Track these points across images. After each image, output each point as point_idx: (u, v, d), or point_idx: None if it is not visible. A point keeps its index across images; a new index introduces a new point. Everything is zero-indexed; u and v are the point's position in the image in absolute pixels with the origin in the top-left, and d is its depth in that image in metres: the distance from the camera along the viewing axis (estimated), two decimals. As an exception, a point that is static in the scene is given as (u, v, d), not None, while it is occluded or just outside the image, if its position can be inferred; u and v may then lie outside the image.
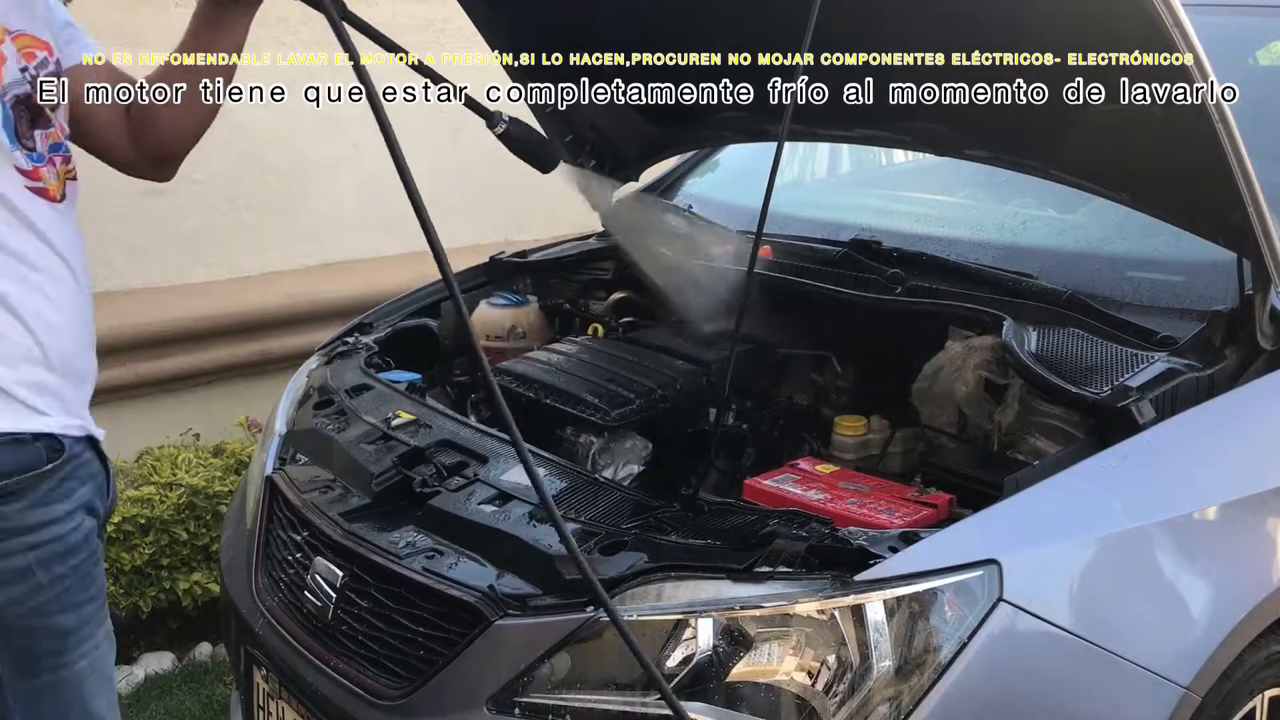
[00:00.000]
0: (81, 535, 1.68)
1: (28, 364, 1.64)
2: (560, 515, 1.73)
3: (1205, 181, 2.05)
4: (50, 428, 1.65)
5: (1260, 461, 2.08)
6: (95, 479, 1.76)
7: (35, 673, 1.65)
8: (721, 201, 3.29)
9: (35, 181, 1.68)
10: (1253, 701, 2.03)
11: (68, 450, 1.68)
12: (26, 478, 1.61)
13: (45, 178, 1.70)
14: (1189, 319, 2.26)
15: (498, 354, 2.97)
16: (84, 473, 1.72)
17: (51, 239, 1.70)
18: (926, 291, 2.50)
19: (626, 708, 1.82)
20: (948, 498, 2.09)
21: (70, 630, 1.67)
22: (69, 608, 1.66)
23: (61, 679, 1.67)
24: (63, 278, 1.71)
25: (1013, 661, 1.79)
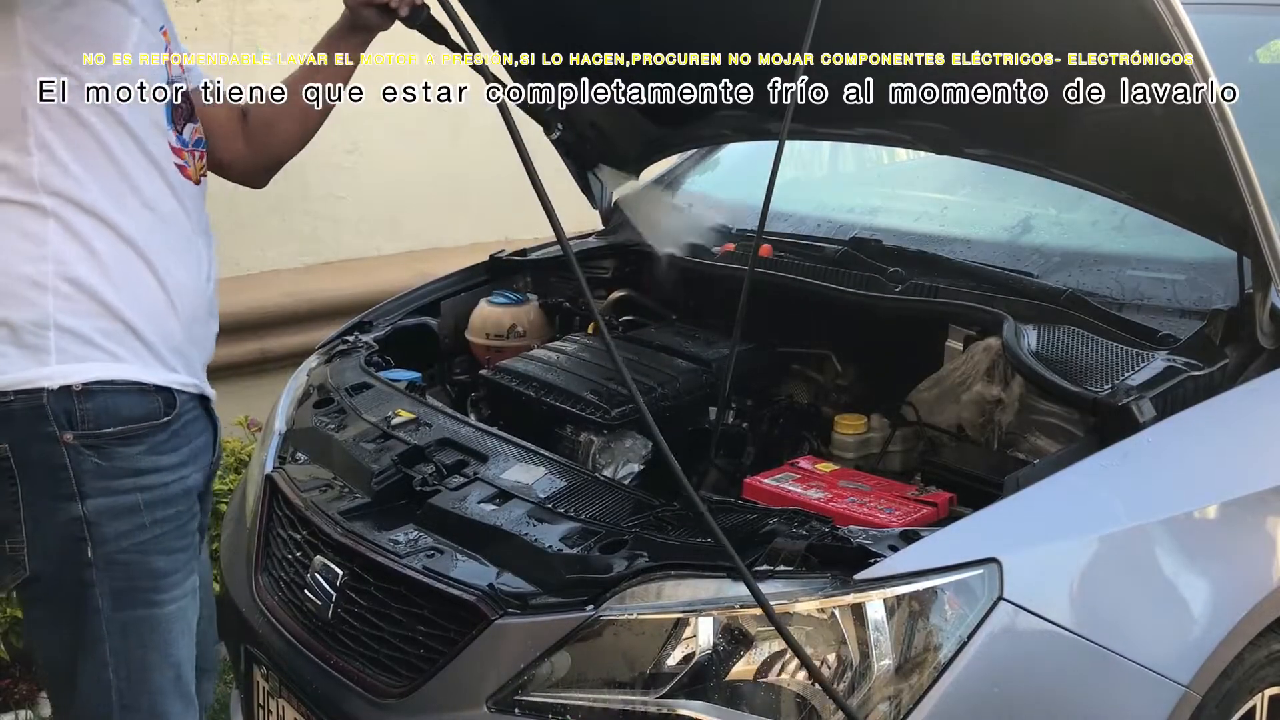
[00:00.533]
0: (182, 488, 1.85)
1: (162, 320, 1.83)
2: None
3: (1205, 180, 2.05)
4: (171, 383, 1.83)
5: (1260, 460, 2.08)
6: (205, 435, 1.96)
7: (130, 606, 1.79)
8: (722, 200, 3.29)
9: (181, 160, 1.92)
10: (1253, 700, 2.03)
11: (179, 406, 1.85)
12: (145, 426, 1.78)
13: (189, 160, 1.94)
14: (1189, 317, 2.26)
15: (497, 352, 2.97)
16: (193, 430, 1.91)
17: (190, 212, 1.93)
18: (927, 290, 2.50)
19: (627, 706, 1.82)
20: (948, 496, 2.09)
21: (164, 573, 1.82)
22: (165, 551, 1.81)
23: (151, 616, 1.81)
24: (196, 249, 1.94)
25: (1013, 660, 1.79)
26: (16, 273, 1.73)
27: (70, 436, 1.73)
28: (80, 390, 1.74)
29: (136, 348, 1.79)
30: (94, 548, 1.76)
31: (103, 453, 1.75)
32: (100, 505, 1.75)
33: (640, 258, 3.20)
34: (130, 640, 1.80)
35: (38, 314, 1.73)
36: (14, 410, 1.73)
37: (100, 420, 1.75)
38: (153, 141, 1.85)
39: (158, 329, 1.82)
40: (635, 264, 3.22)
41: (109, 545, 1.77)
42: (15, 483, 1.75)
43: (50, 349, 1.73)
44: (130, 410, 1.77)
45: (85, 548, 1.76)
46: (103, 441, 1.75)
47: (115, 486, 1.76)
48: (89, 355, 1.75)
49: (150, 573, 1.81)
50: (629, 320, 3.08)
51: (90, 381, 1.74)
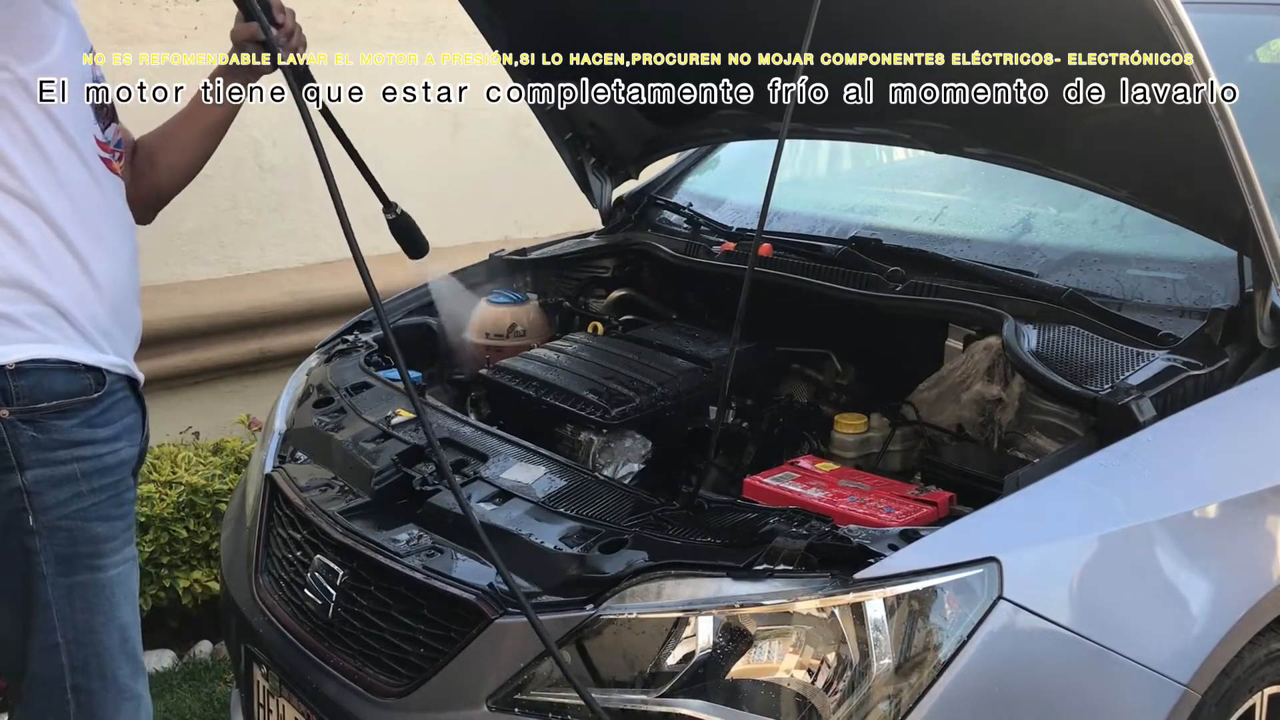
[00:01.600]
0: (117, 459, 1.94)
1: (88, 303, 1.91)
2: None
3: (1206, 179, 2.05)
4: (99, 362, 1.92)
5: (1260, 459, 2.08)
6: (134, 414, 2.04)
7: (73, 571, 1.89)
8: (722, 199, 3.29)
9: (106, 154, 2.00)
10: (1252, 699, 2.03)
11: (108, 385, 1.94)
12: (76, 401, 1.88)
13: (110, 153, 2.02)
14: (1189, 317, 2.26)
15: (497, 352, 2.97)
16: (124, 407, 1.99)
17: (113, 202, 2.01)
18: (927, 289, 2.50)
19: (627, 705, 1.82)
20: (948, 496, 2.09)
21: (104, 538, 1.91)
22: (103, 518, 1.91)
23: (95, 580, 1.91)
24: (119, 238, 2.01)
25: (1012, 659, 1.79)
26: None
27: (6, 412, 1.83)
28: (13, 369, 1.83)
29: (65, 329, 1.88)
30: (35, 516, 1.86)
31: (39, 426, 1.85)
32: (40, 475, 1.85)
33: (640, 257, 3.20)
34: (76, 604, 1.89)
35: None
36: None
37: (35, 395, 1.84)
38: (80, 136, 1.93)
39: (85, 312, 1.90)
40: (635, 263, 3.22)
41: (50, 513, 1.86)
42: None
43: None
44: (63, 386, 1.86)
45: (27, 517, 1.85)
46: (38, 415, 1.84)
47: (53, 458, 1.86)
48: (20, 337, 1.84)
49: (91, 538, 1.90)
50: (629, 320, 3.08)
51: (23, 360, 1.83)
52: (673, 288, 3.17)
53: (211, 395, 4.29)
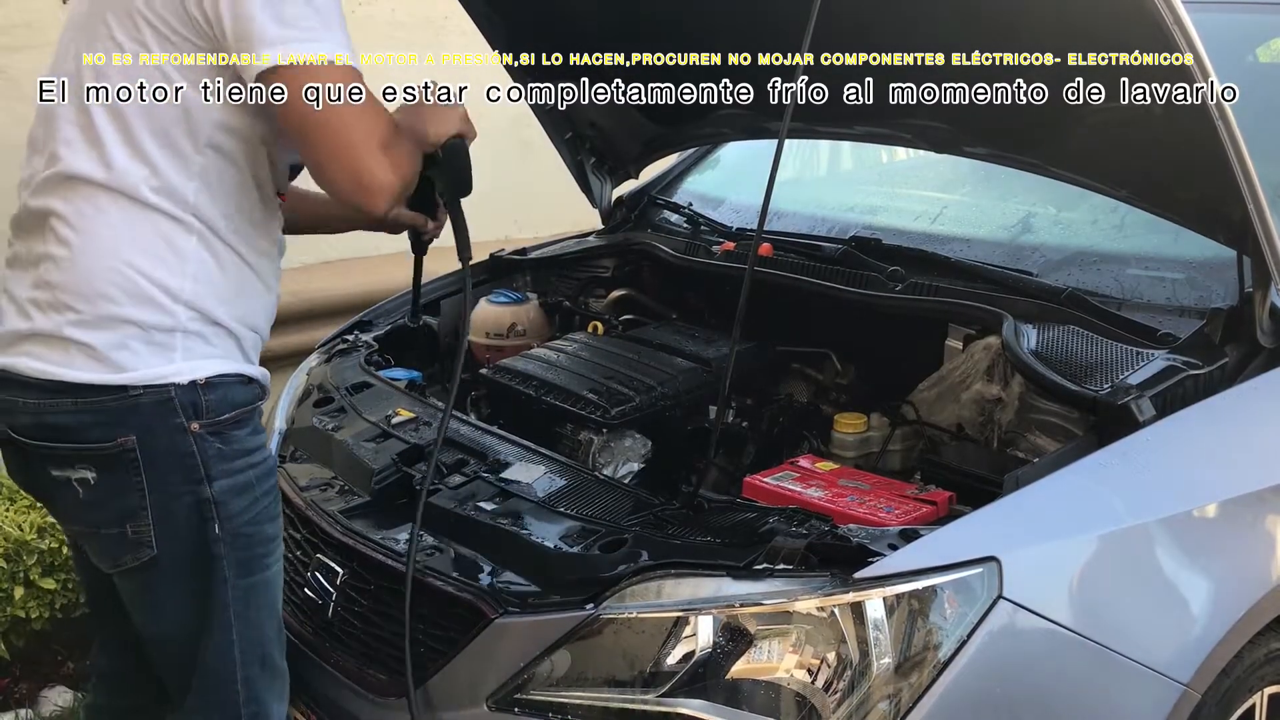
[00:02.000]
0: (273, 462, 2.03)
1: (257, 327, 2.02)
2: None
3: (1205, 178, 2.05)
4: (256, 374, 2.01)
5: (1260, 459, 2.08)
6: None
7: (250, 573, 1.95)
8: (722, 199, 3.29)
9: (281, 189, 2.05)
10: (1252, 699, 2.03)
11: (264, 392, 2.04)
12: (249, 410, 1.96)
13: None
14: (1189, 316, 2.26)
15: (497, 351, 2.97)
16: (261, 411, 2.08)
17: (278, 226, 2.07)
18: (926, 289, 2.51)
19: (627, 705, 1.82)
20: (947, 495, 2.09)
21: (272, 537, 1.99)
22: (272, 518, 1.99)
23: (266, 579, 1.99)
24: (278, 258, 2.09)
25: (1012, 659, 1.79)
26: (157, 279, 1.86)
27: (197, 425, 1.88)
28: (204, 384, 1.89)
29: (232, 347, 1.96)
30: (220, 524, 1.91)
31: (223, 437, 1.91)
32: (224, 485, 1.90)
33: (640, 257, 3.20)
34: (250, 603, 1.96)
35: (170, 320, 1.87)
36: (141, 403, 1.85)
37: (220, 408, 1.90)
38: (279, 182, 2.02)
39: (250, 333, 2.00)
40: (635, 263, 3.23)
41: (234, 520, 1.92)
42: (140, 471, 1.86)
43: (177, 348, 1.88)
44: (241, 397, 1.94)
45: (213, 525, 1.90)
46: (222, 427, 1.91)
47: (233, 467, 1.92)
48: (208, 353, 1.91)
49: (265, 539, 1.97)
50: (629, 319, 3.08)
51: (213, 376, 1.90)
52: (673, 287, 3.17)
53: (212, 395, 4.29)
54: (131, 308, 1.85)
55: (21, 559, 3.18)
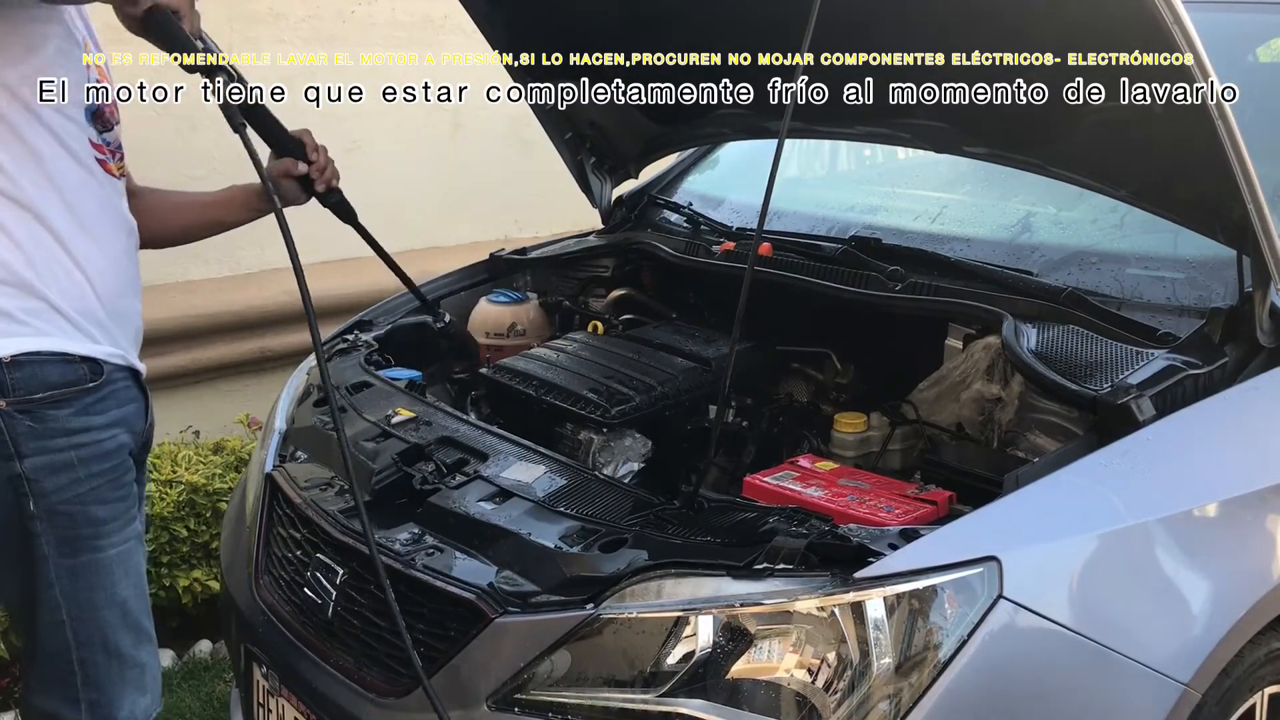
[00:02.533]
0: (114, 445, 2.04)
1: (80, 298, 2.00)
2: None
3: (1205, 178, 2.05)
4: (94, 353, 2.01)
5: (1260, 458, 2.08)
6: (134, 404, 2.13)
7: (75, 553, 2.00)
8: (722, 198, 3.29)
9: (101, 155, 2.08)
10: (1253, 698, 2.03)
11: (106, 374, 2.03)
12: (71, 390, 1.98)
13: (108, 157, 2.10)
14: (1189, 316, 2.26)
15: (497, 351, 2.97)
16: (123, 396, 2.08)
17: (109, 200, 2.09)
18: (926, 289, 2.51)
19: (627, 705, 1.82)
20: (947, 495, 2.09)
21: (103, 520, 2.01)
22: (102, 501, 2.01)
23: (96, 560, 2.01)
24: (115, 234, 2.09)
25: (1012, 658, 1.79)
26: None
27: (3, 403, 1.93)
28: (9, 362, 1.93)
29: (59, 323, 1.97)
30: (35, 501, 1.96)
31: (35, 416, 1.94)
32: (38, 463, 1.95)
33: (640, 257, 3.20)
34: (79, 583, 2.01)
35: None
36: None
37: (30, 386, 1.94)
38: (72, 138, 2.01)
39: (77, 306, 1.99)
40: (635, 263, 3.23)
41: (49, 498, 1.97)
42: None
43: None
44: (58, 377, 1.96)
45: (28, 502, 1.96)
46: (33, 406, 1.94)
47: (50, 446, 1.95)
48: (14, 331, 1.94)
49: (90, 520, 2.00)
50: (629, 319, 3.08)
51: (18, 354, 1.93)
52: (673, 287, 3.17)
53: (212, 394, 4.29)
54: None
55: (21, 559, 3.18)
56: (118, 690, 2.08)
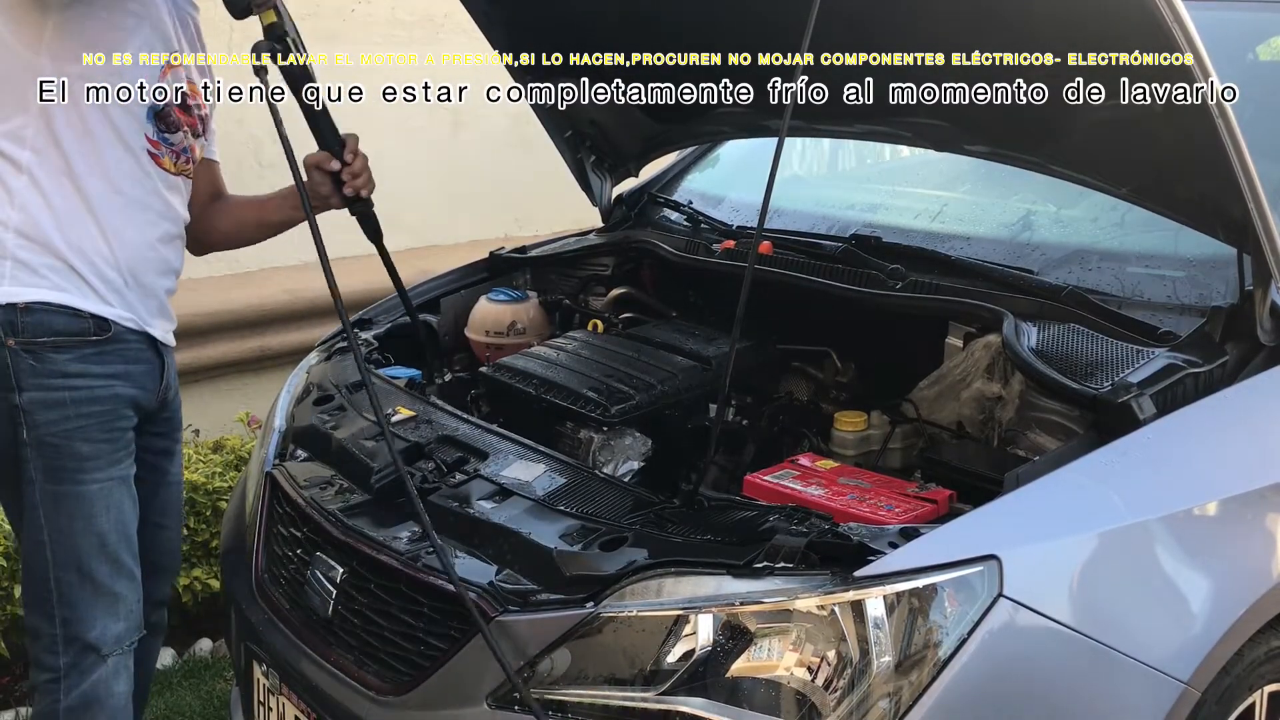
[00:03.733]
0: (108, 393, 2.25)
1: (102, 264, 2.24)
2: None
3: (1205, 177, 2.05)
4: (104, 313, 2.24)
5: (1260, 457, 2.08)
6: (146, 365, 2.34)
7: (58, 481, 2.22)
8: (722, 197, 3.29)
9: (155, 150, 2.32)
10: (1252, 697, 2.03)
11: (114, 333, 2.26)
12: (74, 339, 2.21)
13: (164, 153, 2.33)
14: (1189, 314, 2.26)
15: (497, 349, 2.97)
16: (131, 355, 2.30)
17: (155, 191, 2.32)
18: (927, 287, 2.51)
19: (627, 703, 1.82)
20: (948, 493, 2.09)
21: (87, 456, 2.22)
22: (88, 440, 2.22)
23: (76, 492, 2.22)
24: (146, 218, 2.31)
25: (1012, 657, 1.79)
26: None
27: (12, 341, 2.17)
28: (23, 307, 2.17)
29: (76, 282, 2.21)
30: (28, 430, 2.19)
31: (36, 356, 2.18)
32: (34, 398, 2.19)
33: (640, 255, 3.20)
34: (60, 510, 2.22)
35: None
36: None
37: (36, 330, 2.18)
38: (128, 129, 2.26)
39: (97, 271, 2.23)
40: (635, 261, 3.22)
41: (40, 429, 2.19)
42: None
43: (5, 275, 2.18)
44: (62, 325, 2.20)
45: (22, 430, 2.19)
46: (37, 347, 2.18)
47: (46, 384, 2.19)
48: (34, 282, 2.19)
49: (75, 455, 2.21)
50: (629, 317, 3.08)
51: (32, 301, 2.18)
52: (673, 285, 3.17)
53: (211, 393, 4.29)
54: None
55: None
56: (89, 611, 2.25)
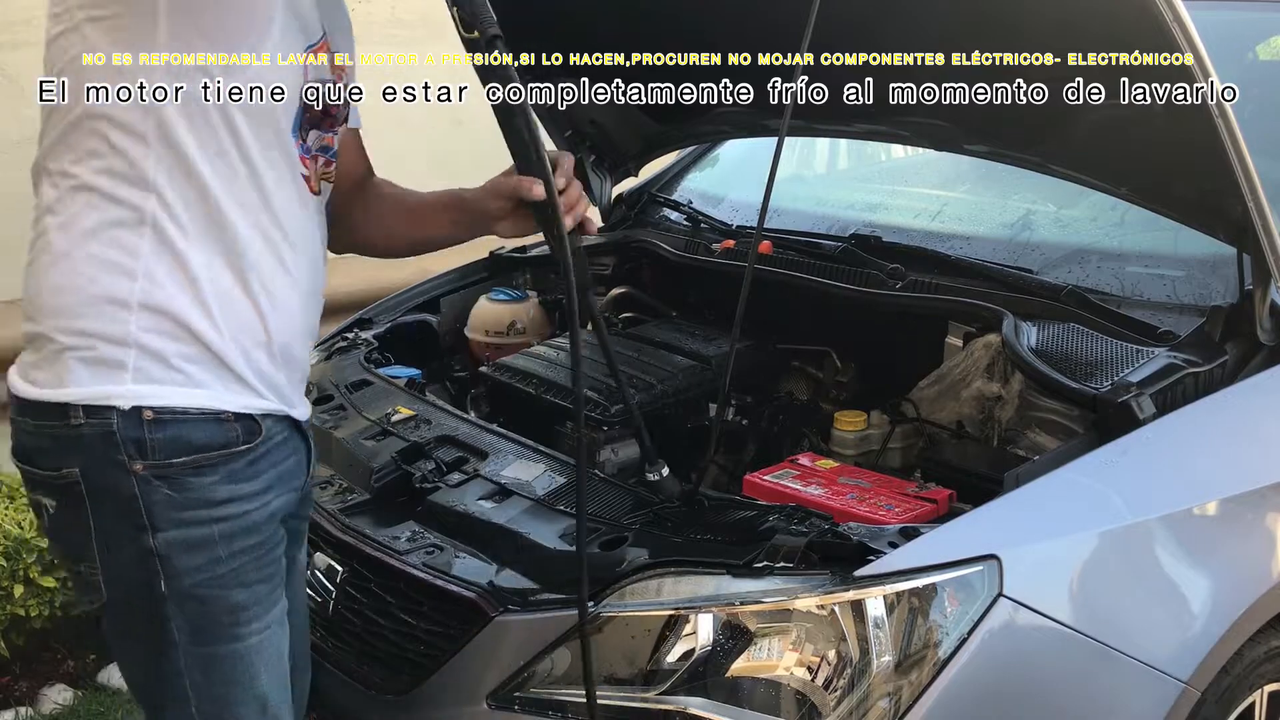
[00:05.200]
0: (264, 515, 1.71)
1: (250, 345, 1.68)
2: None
3: (1205, 176, 2.05)
4: (253, 408, 1.69)
5: (1260, 456, 2.08)
6: (293, 458, 1.79)
7: (209, 642, 1.69)
8: (722, 196, 3.29)
9: (305, 170, 1.74)
10: (1252, 696, 2.04)
11: (265, 433, 1.70)
12: (220, 454, 1.65)
13: (308, 167, 1.75)
14: (1189, 314, 2.26)
15: (497, 349, 2.97)
16: (279, 454, 1.74)
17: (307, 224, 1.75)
18: (926, 287, 2.51)
19: (626, 702, 1.82)
20: (948, 493, 2.09)
21: (244, 606, 1.69)
22: (244, 584, 1.69)
23: (233, 651, 1.70)
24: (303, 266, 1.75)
25: (1012, 657, 1.79)
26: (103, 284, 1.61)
27: (140, 466, 1.62)
28: (151, 419, 1.61)
29: (220, 373, 1.66)
30: (167, 582, 1.65)
31: (173, 483, 1.63)
32: (172, 538, 1.64)
33: (640, 255, 3.20)
34: (212, 676, 1.70)
35: (118, 330, 1.61)
36: (84, 434, 1.62)
37: (171, 450, 1.62)
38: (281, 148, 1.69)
39: (244, 355, 1.68)
40: (635, 261, 3.22)
41: (183, 579, 1.65)
42: (86, 508, 1.64)
43: (128, 368, 1.61)
44: (204, 439, 1.64)
45: (159, 581, 1.64)
46: (174, 472, 1.63)
47: (188, 518, 1.64)
48: (164, 378, 1.63)
49: (229, 608, 1.69)
50: (629, 317, 3.08)
51: (162, 408, 1.62)
52: (672, 285, 3.17)
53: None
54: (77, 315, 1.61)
55: (21, 557, 3.18)
56: None
